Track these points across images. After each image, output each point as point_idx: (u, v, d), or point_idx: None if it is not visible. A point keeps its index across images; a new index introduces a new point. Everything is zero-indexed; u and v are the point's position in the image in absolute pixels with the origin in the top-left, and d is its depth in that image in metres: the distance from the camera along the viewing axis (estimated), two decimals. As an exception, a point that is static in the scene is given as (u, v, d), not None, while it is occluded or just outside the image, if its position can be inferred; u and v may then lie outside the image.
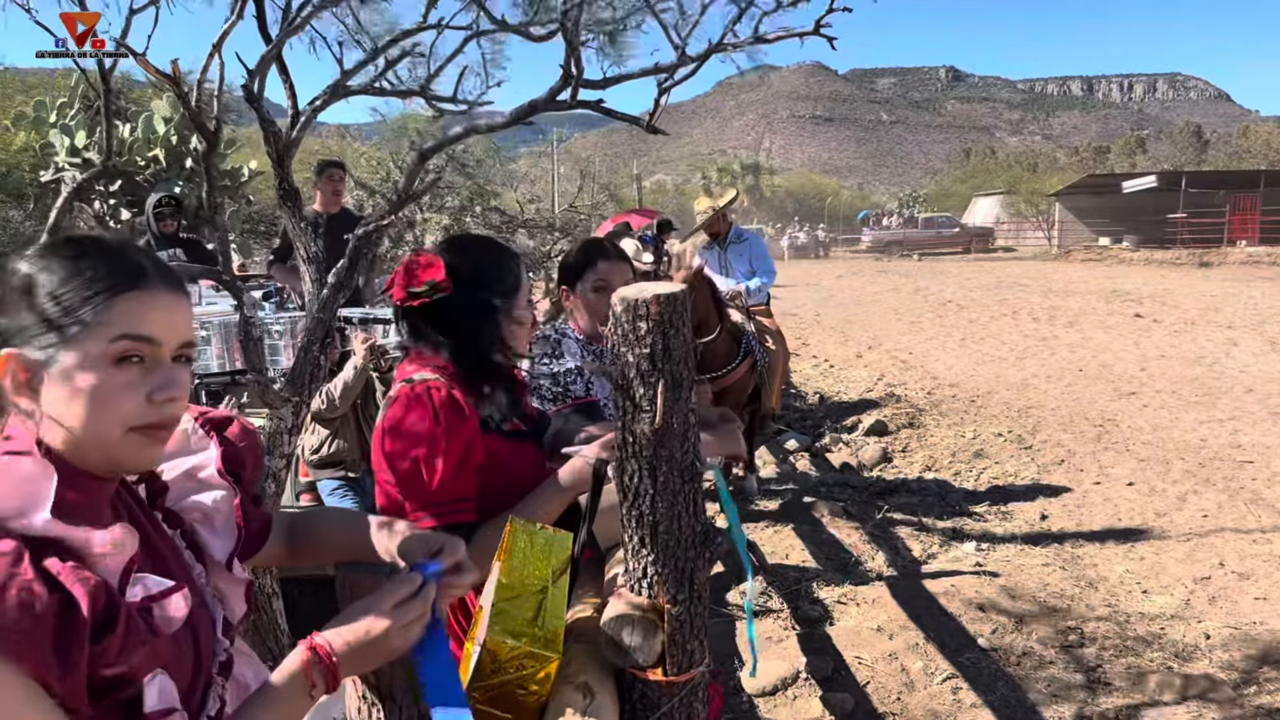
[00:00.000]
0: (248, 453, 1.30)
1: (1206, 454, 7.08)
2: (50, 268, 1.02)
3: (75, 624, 0.87)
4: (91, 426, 1.01)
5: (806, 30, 2.71)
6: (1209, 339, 12.48)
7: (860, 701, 3.84)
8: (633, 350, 1.39)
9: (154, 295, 1.05)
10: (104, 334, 1.01)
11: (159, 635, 0.98)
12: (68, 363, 1.00)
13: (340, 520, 1.52)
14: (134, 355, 1.03)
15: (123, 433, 1.03)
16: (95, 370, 1.00)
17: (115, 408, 1.02)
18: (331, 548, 1.46)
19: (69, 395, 1.00)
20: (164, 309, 1.06)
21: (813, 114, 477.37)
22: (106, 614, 0.90)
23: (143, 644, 0.94)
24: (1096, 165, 73.88)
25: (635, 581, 1.47)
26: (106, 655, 0.90)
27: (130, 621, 0.93)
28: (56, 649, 0.86)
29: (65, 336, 1.00)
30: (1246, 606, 4.60)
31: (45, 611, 0.86)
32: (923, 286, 23.11)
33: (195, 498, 1.22)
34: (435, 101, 3.26)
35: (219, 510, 1.23)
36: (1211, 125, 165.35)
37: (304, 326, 2.89)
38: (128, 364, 1.02)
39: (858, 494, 6.64)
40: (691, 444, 1.43)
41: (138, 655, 0.94)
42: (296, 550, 1.45)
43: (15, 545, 0.88)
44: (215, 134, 2.58)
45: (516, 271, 1.93)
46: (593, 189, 15.31)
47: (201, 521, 1.23)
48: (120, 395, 1.02)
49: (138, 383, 1.03)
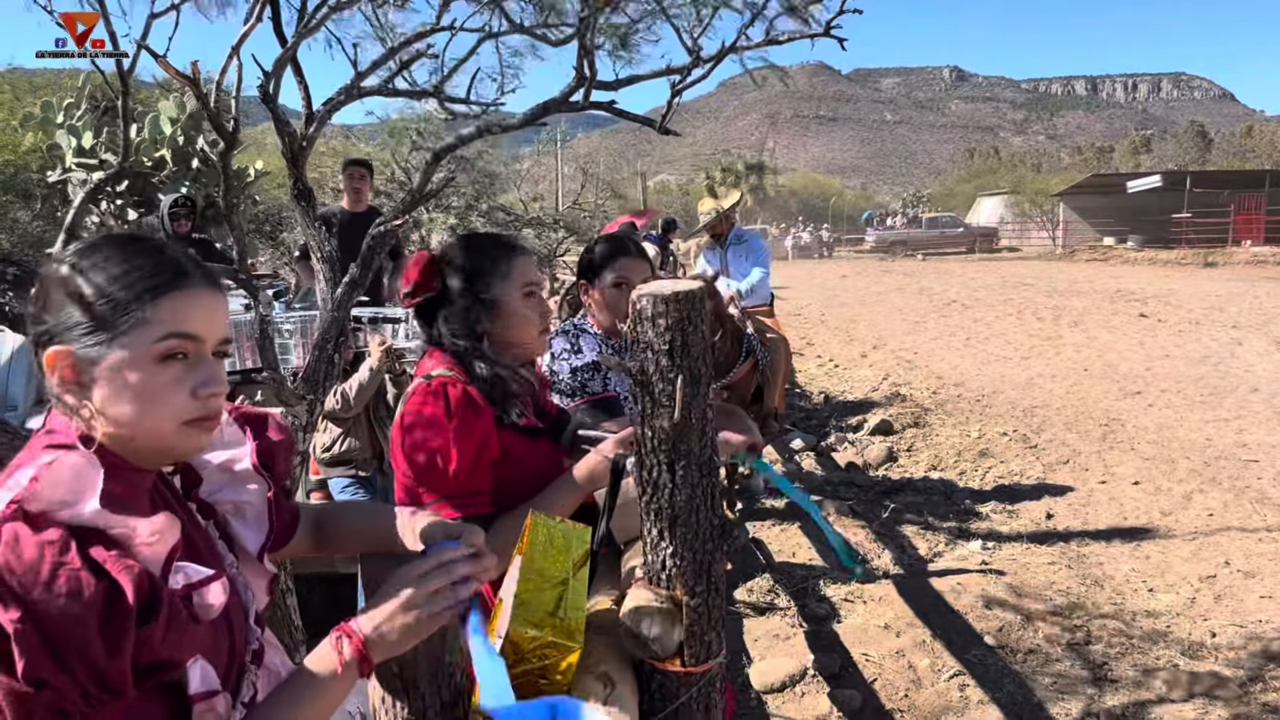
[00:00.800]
0: (280, 448, 1.33)
1: (1212, 453, 7.09)
2: (97, 267, 1.06)
3: (121, 610, 0.91)
4: (143, 421, 1.05)
5: (818, 32, 2.73)
6: (1214, 339, 12.48)
7: (868, 698, 3.86)
8: (652, 347, 1.41)
9: (197, 293, 1.09)
10: (151, 333, 1.05)
11: (199, 622, 1.01)
12: (116, 360, 1.04)
13: (364, 512, 1.55)
14: (179, 353, 1.07)
15: (175, 427, 1.07)
16: (143, 367, 1.04)
17: (165, 404, 1.06)
18: (355, 539, 1.49)
19: (119, 391, 1.04)
20: (206, 306, 1.10)
21: (817, 114, 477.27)
22: (150, 600, 0.93)
23: (185, 630, 0.97)
24: (1101, 165, 73.82)
25: (654, 574, 1.49)
26: (151, 640, 0.93)
27: (173, 608, 0.96)
28: (103, 633, 0.89)
29: (114, 334, 1.04)
30: (1252, 605, 4.61)
31: (93, 598, 0.89)
32: (927, 286, 23.11)
33: (229, 490, 1.25)
34: (449, 103, 3.29)
35: (251, 503, 1.27)
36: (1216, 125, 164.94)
37: (319, 325, 2.92)
38: (172, 361, 1.07)
39: (863, 493, 6.66)
40: (710, 439, 1.45)
41: (181, 640, 0.97)
42: (322, 542, 1.48)
43: (62, 534, 0.91)
44: (234, 134, 2.61)
45: (508, 263, 1.94)
46: (597, 187, 15.34)
47: (234, 513, 1.26)
48: (167, 391, 1.06)
49: (183, 378, 1.07)
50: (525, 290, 1.94)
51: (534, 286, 1.96)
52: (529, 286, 1.94)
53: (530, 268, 1.97)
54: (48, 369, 1.04)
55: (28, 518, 0.92)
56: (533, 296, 1.96)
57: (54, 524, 0.92)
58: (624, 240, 2.65)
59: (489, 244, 1.98)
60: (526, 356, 1.98)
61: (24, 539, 0.90)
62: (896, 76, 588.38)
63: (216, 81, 2.51)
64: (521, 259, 1.96)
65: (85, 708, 0.91)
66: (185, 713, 1.03)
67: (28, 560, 0.89)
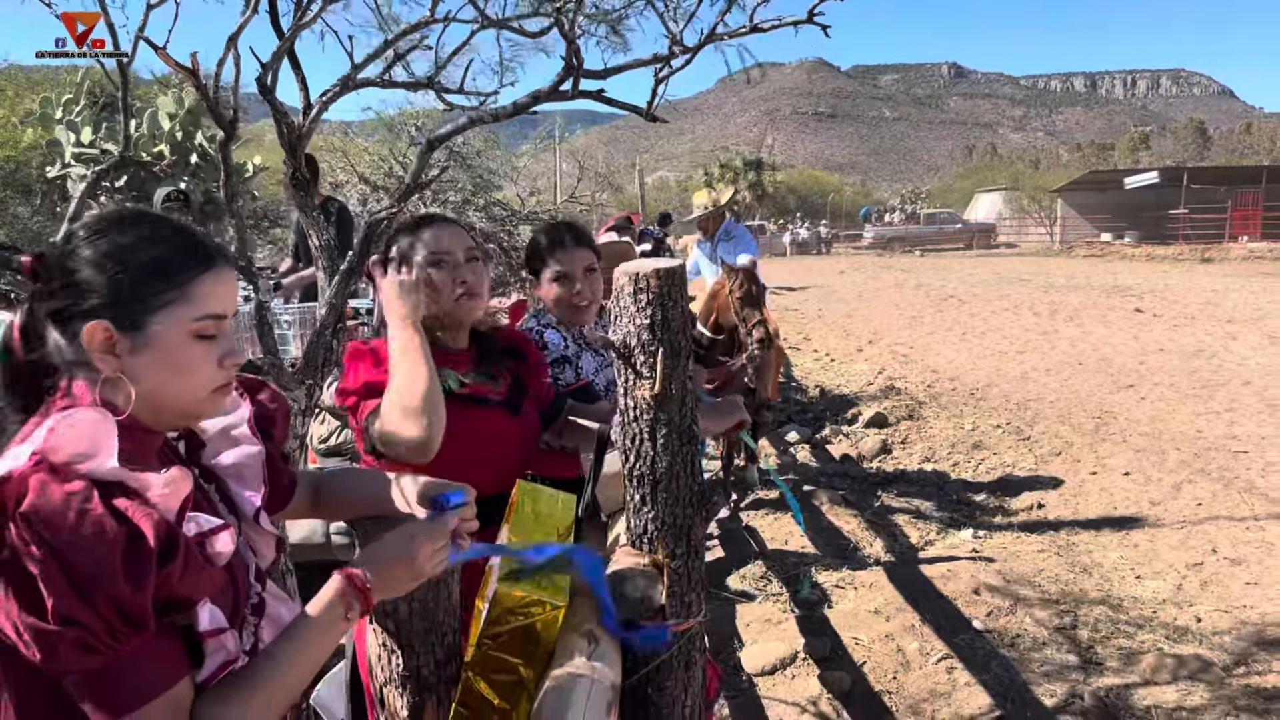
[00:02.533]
0: (278, 414, 1.40)
1: (1202, 445, 7.16)
2: (138, 243, 1.14)
3: (143, 550, 0.98)
4: (178, 391, 1.16)
5: (800, 18, 2.78)
6: (1208, 333, 12.54)
7: (857, 681, 3.93)
8: (633, 321, 1.48)
9: (223, 273, 1.20)
10: (190, 311, 1.15)
11: (213, 565, 1.09)
12: (154, 334, 1.13)
13: (361, 478, 1.62)
14: (213, 331, 1.17)
15: (206, 394, 1.18)
16: (181, 342, 1.14)
17: (200, 375, 1.17)
18: (353, 503, 1.57)
19: (156, 363, 1.13)
20: (229, 285, 1.21)
21: (815, 110, 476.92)
22: (169, 543, 1.01)
23: (201, 570, 1.05)
24: (1099, 161, 73.84)
25: (637, 537, 1.56)
26: (170, 579, 1.01)
27: (189, 550, 1.04)
28: (126, 571, 0.96)
29: (153, 310, 1.12)
30: (1238, 591, 4.68)
31: (116, 540, 0.97)
32: (924, 282, 23.16)
33: (229, 453, 1.32)
34: (445, 94, 3.35)
35: (249, 466, 1.34)
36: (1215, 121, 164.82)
37: (317, 313, 2.98)
38: (205, 336, 1.17)
39: (857, 484, 6.73)
40: (689, 408, 1.52)
41: (198, 580, 1.05)
42: (321, 505, 1.55)
43: (85, 484, 0.99)
44: (233, 125, 2.67)
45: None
46: (593, 181, 15.37)
47: (234, 476, 1.33)
48: (203, 364, 1.16)
49: (211, 351, 1.17)
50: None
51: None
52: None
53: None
54: (85, 339, 1.10)
55: (52, 469, 0.98)
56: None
57: (76, 475, 0.99)
58: (562, 230, 2.62)
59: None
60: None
61: (50, 489, 0.97)
62: (895, 73, 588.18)
63: (215, 73, 2.56)
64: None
65: (110, 642, 0.97)
66: (197, 652, 1.10)
67: (55, 506, 0.95)
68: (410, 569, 1.29)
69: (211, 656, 1.10)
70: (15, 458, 1.01)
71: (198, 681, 1.09)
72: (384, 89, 3.30)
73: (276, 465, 1.39)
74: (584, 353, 2.58)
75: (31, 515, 0.94)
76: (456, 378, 2.00)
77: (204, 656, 1.10)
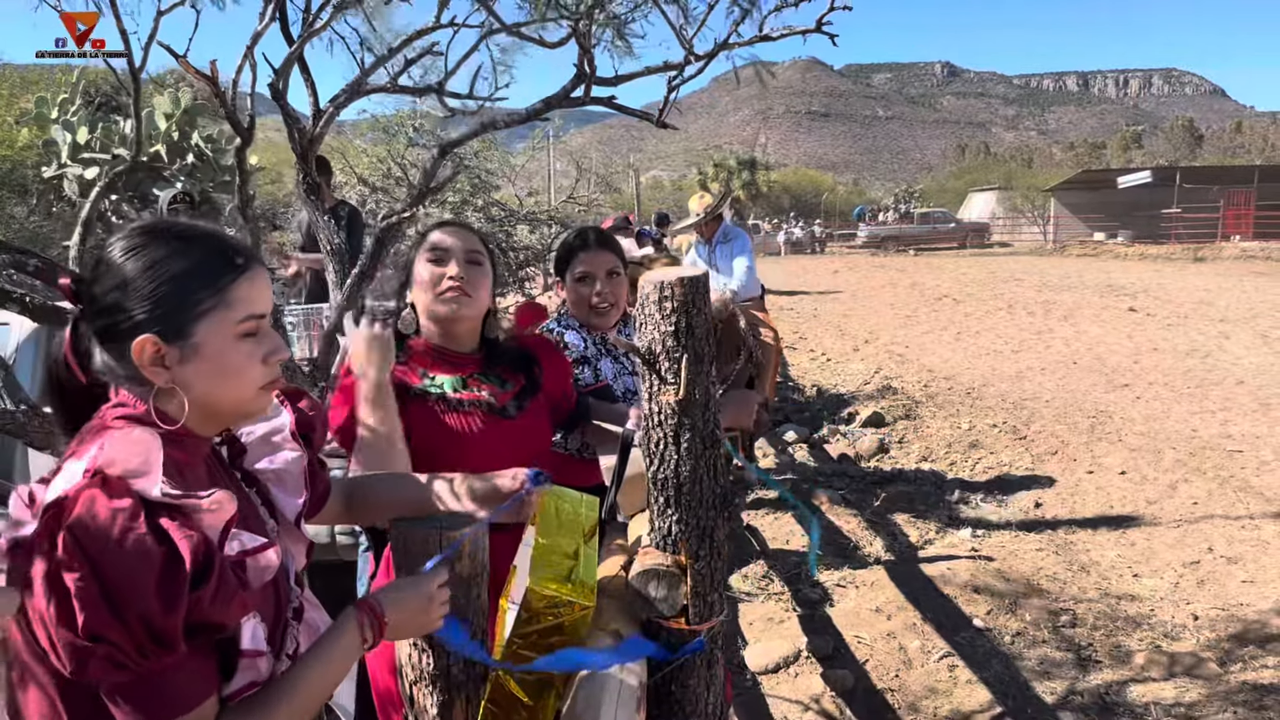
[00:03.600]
0: (317, 421, 1.43)
1: (1197, 444, 7.22)
2: (173, 255, 1.16)
3: (178, 574, 1.01)
4: (231, 393, 1.19)
5: (809, 28, 2.83)
6: (1201, 332, 12.61)
7: (860, 678, 3.97)
8: (658, 328, 1.52)
9: (258, 274, 1.22)
10: (233, 315, 1.17)
11: (248, 587, 1.12)
12: (201, 341, 1.16)
13: (394, 482, 1.66)
14: (254, 330, 1.21)
15: (254, 393, 1.22)
16: (228, 345, 1.17)
17: (248, 375, 1.20)
18: (386, 506, 1.60)
19: (206, 370, 1.17)
20: (265, 284, 1.23)
21: (809, 109, 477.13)
22: (205, 567, 1.04)
23: (233, 595, 1.08)
24: (1092, 161, 74.05)
25: (660, 539, 1.60)
26: (200, 602, 1.03)
27: (223, 574, 1.06)
28: (160, 593, 0.99)
29: (197, 318, 1.15)
30: (1234, 589, 4.73)
31: (154, 561, 1.00)
32: (919, 281, 23.23)
33: (270, 459, 1.36)
34: (450, 99, 3.38)
35: (290, 471, 1.38)
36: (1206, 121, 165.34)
37: (327, 315, 3.01)
38: (249, 336, 1.20)
39: (855, 483, 6.77)
40: (712, 413, 1.56)
41: (228, 605, 1.08)
42: (354, 510, 1.59)
43: (133, 503, 1.02)
44: (249, 130, 2.70)
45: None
46: (590, 181, 15.39)
47: (275, 481, 1.37)
48: (249, 364, 1.20)
49: (255, 350, 1.20)
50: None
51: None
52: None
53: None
54: (134, 355, 1.13)
55: (105, 483, 1.02)
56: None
57: (128, 492, 1.02)
58: (586, 233, 2.71)
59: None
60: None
61: (100, 504, 1.00)
62: (889, 72, 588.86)
63: (234, 79, 2.60)
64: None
65: (139, 660, 1.00)
66: (230, 665, 1.13)
67: (101, 523, 0.98)
68: (423, 620, 1.36)
69: (242, 673, 1.14)
70: (70, 476, 1.04)
71: (224, 695, 1.12)
72: (392, 94, 3.33)
73: (315, 471, 1.43)
74: (604, 357, 2.63)
75: (78, 529, 0.98)
76: (454, 383, 2.05)
77: (235, 670, 1.13)
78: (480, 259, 2.11)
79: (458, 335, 2.12)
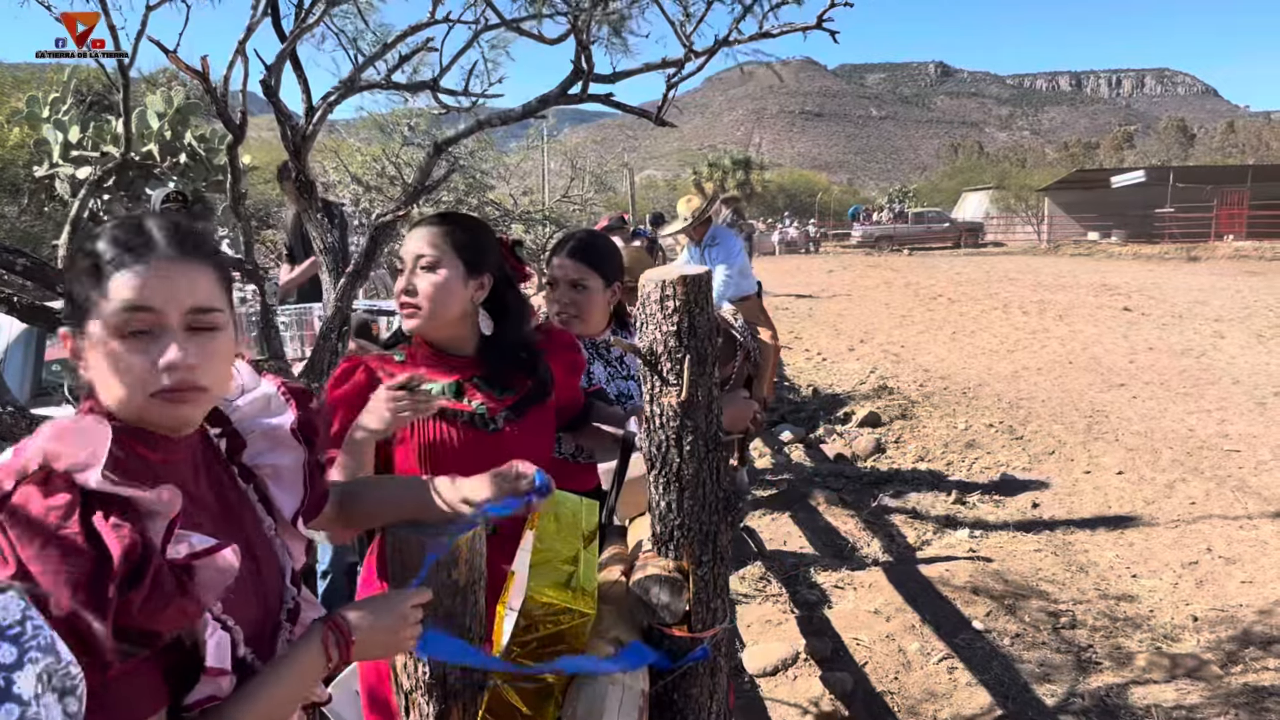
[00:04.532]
0: (320, 421, 1.39)
1: (1194, 443, 7.20)
2: (81, 249, 1.12)
3: (106, 575, 0.94)
4: (114, 393, 1.09)
5: (809, 25, 2.79)
6: (1196, 332, 12.61)
7: (859, 681, 3.94)
8: (660, 328, 1.48)
9: (156, 265, 1.10)
10: (109, 308, 1.07)
11: (191, 593, 1.02)
12: (92, 336, 1.09)
13: (389, 486, 1.62)
14: (138, 326, 1.08)
15: (144, 399, 1.09)
16: (109, 342, 1.08)
17: (129, 376, 1.08)
18: (382, 513, 1.56)
19: (95, 366, 1.09)
20: (165, 278, 1.10)
21: (803, 109, 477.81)
22: (138, 568, 0.96)
23: (167, 602, 0.99)
24: (1085, 161, 74.17)
25: (662, 544, 1.56)
26: (129, 606, 0.96)
27: (159, 578, 0.99)
28: (88, 594, 0.92)
29: (85, 313, 1.09)
30: (1233, 589, 4.71)
31: (84, 561, 0.93)
32: (913, 281, 23.21)
33: (269, 455, 1.32)
34: (444, 95, 3.34)
35: (289, 469, 1.34)
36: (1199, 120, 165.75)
37: (321, 315, 2.97)
38: (137, 335, 1.08)
39: (852, 483, 6.74)
40: (715, 415, 1.52)
41: (160, 612, 0.99)
42: (349, 516, 1.55)
43: (69, 499, 0.95)
44: (241, 128, 2.66)
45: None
46: (585, 181, 15.35)
47: (273, 478, 1.33)
48: (130, 364, 1.08)
49: (147, 351, 1.08)
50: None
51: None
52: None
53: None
54: (63, 347, 1.11)
55: (47, 479, 0.96)
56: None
57: (68, 486, 0.96)
58: (567, 240, 2.63)
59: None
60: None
61: (33, 501, 0.94)
62: (882, 72, 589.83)
63: (225, 76, 2.55)
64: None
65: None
66: (192, 677, 1.07)
67: (32, 520, 0.93)
68: (394, 642, 1.30)
69: (202, 686, 1.07)
70: (4, 459, 0.99)
71: (185, 703, 1.06)
72: (386, 90, 3.29)
73: (314, 471, 1.38)
74: (595, 360, 2.58)
75: (7, 523, 0.92)
76: (446, 389, 1.95)
77: (195, 682, 1.07)
78: (432, 261, 1.94)
79: (446, 340, 2.02)
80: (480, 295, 1.99)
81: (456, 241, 1.96)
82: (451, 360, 2.01)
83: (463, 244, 1.96)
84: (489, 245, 2.01)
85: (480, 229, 2.04)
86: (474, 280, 1.97)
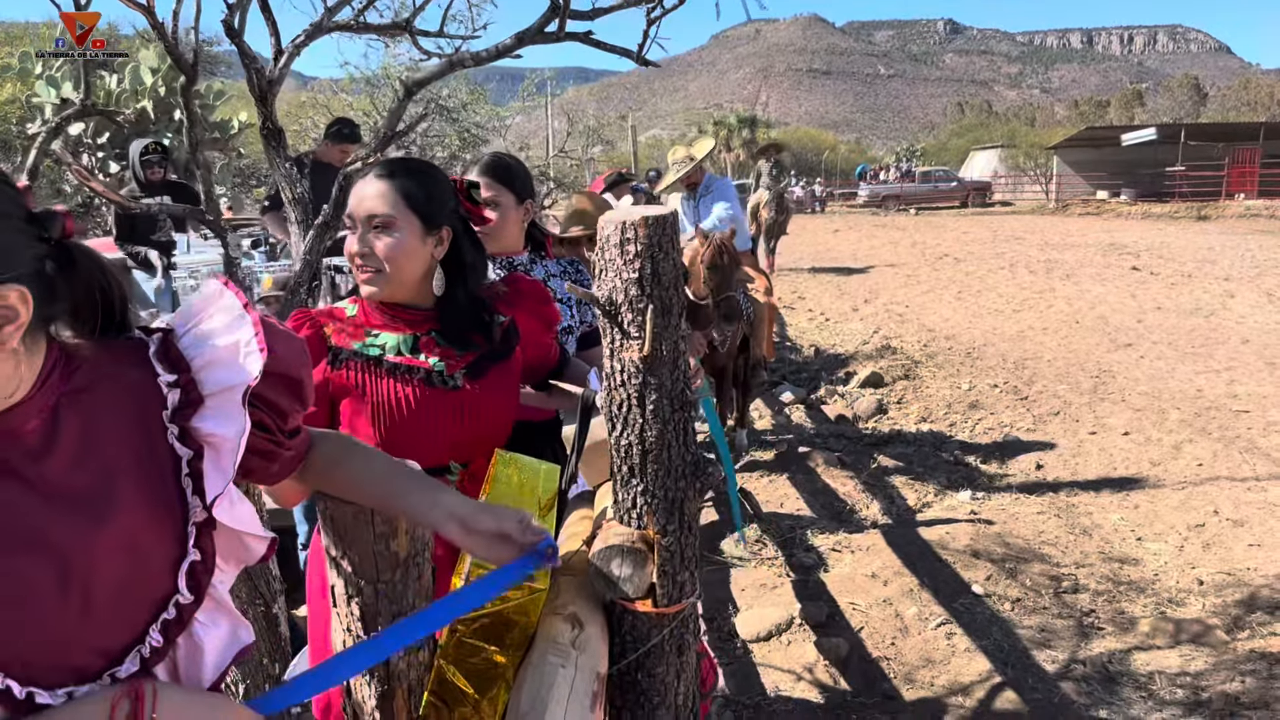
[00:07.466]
0: (285, 400, 1.17)
1: (1202, 404, 7.07)
2: None
3: None
4: None
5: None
6: (1206, 291, 12.43)
7: (855, 646, 3.84)
8: (620, 275, 1.34)
9: None
10: None
11: None
12: None
13: (376, 462, 1.33)
14: None
15: None
16: None
17: None
18: (355, 490, 1.29)
19: None
20: None
21: (810, 67, 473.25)
22: None
23: None
24: (1095, 119, 73.30)
25: (624, 512, 1.43)
26: None
27: None
28: None
29: None
30: (1240, 553, 4.60)
31: None
32: (920, 240, 22.96)
33: (211, 421, 1.07)
34: (421, 38, 3.17)
35: (227, 439, 1.06)
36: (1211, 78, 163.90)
37: (289, 267, 2.83)
38: None
39: (853, 445, 6.62)
40: (682, 371, 1.39)
41: None
42: (314, 478, 1.31)
43: None
44: (194, 67, 2.50)
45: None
46: (583, 136, 15.11)
47: (209, 449, 1.06)
48: None
49: None
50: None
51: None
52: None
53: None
54: None
55: None
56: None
57: None
58: (474, 161, 2.54)
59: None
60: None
61: None
62: (890, 29, 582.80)
63: (174, 10, 2.39)
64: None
65: None
66: None
67: None
68: None
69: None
70: None
71: None
72: (359, 33, 3.12)
73: (265, 456, 1.18)
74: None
75: None
76: (401, 343, 1.79)
77: None
78: (385, 220, 1.77)
79: (405, 298, 1.85)
80: (441, 251, 1.83)
81: (411, 196, 1.79)
82: (406, 314, 1.84)
83: (418, 198, 1.79)
84: (445, 194, 1.84)
85: (434, 177, 1.85)
86: (432, 236, 1.81)
